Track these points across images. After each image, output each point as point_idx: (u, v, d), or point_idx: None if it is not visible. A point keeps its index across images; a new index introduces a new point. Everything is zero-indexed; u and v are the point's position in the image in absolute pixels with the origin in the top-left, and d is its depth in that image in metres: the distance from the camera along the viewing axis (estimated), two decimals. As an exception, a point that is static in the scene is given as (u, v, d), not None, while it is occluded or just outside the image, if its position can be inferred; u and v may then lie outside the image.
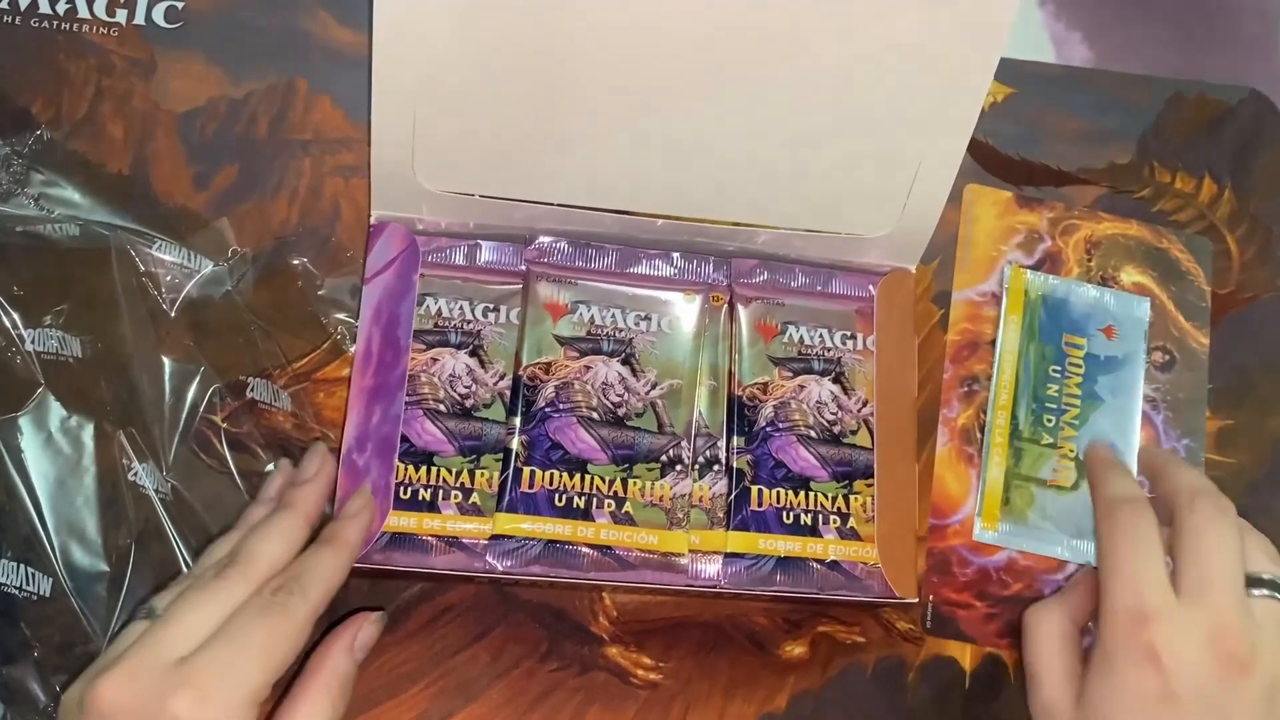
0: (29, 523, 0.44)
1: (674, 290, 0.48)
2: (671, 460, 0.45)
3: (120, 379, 0.46)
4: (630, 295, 0.48)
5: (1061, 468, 0.51)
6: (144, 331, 0.47)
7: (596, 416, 0.45)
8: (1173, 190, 0.56)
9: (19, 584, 0.44)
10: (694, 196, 0.47)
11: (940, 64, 0.44)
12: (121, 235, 0.48)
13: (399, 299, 0.46)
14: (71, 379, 0.46)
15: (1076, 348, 0.52)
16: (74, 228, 0.47)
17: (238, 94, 0.52)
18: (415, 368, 0.45)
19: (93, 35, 0.52)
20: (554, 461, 0.44)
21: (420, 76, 0.43)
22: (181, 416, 0.46)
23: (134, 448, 0.46)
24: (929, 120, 0.45)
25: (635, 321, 0.47)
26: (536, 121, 0.45)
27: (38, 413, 0.45)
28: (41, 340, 0.46)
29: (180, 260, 0.48)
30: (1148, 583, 0.40)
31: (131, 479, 0.45)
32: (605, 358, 0.46)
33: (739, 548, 0.45)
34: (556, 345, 0.46)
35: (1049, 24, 0.60)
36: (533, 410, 0.45)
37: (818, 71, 0.44)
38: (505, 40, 0.42)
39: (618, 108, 0.44)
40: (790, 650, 0.48)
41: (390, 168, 0.45)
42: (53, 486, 0.45)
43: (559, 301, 0.47)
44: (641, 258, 0.48)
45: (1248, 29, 0.62)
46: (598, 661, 0.47)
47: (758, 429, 0.46)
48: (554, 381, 0.46)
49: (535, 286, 0.47)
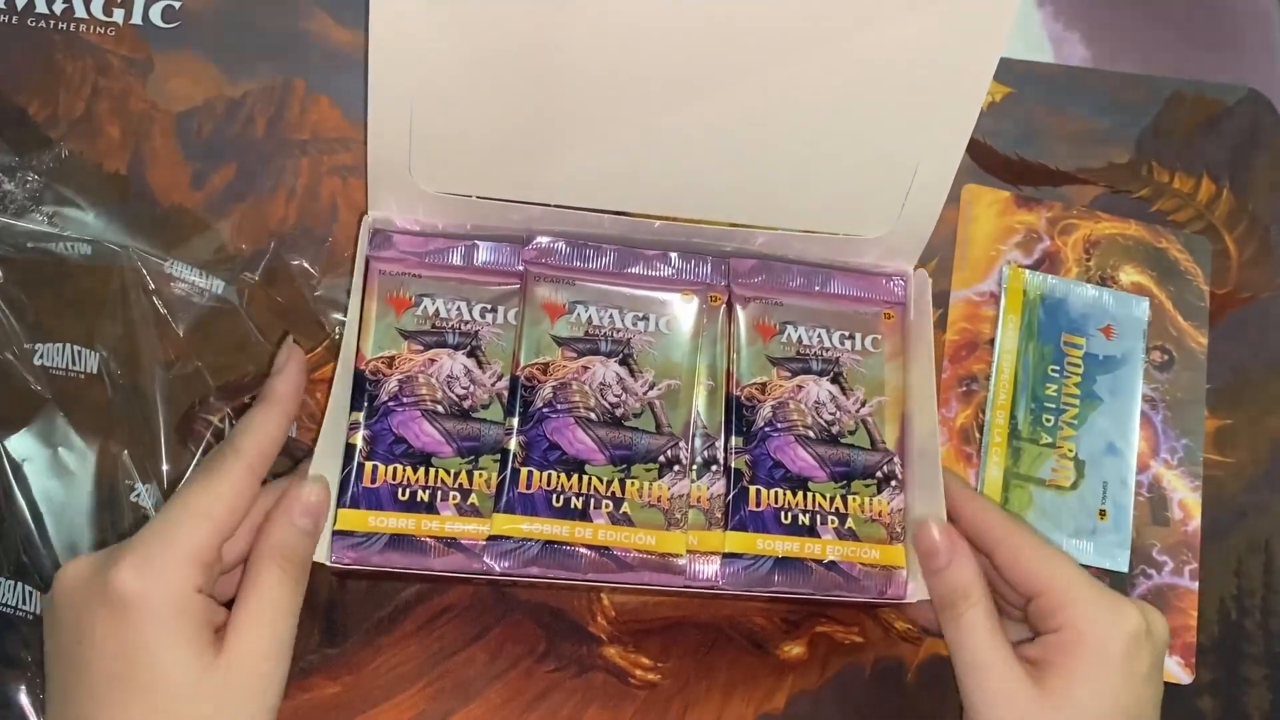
0: (27, 539, 0.44)
1: (672, 290, 0.48)
2: (669, 460, 0.45)
3: (127, 398, 0.46)
4: (628, 295, 0.47)
5: (1060, 467, 0.51)
6: (153, 351, 0.47)
7: (594, 417, 0.45)
8: (1171, 190, 0.56)
9: (15, 603, 0.44)
10: (691, 197, 0.47)
11: (939, 64, 0.43)
12: (133, 253, 0.48)
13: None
14: (79, 396, 0.46)
15: (1075, 347, 0.52)
16: (85, 246, 0.48)
17: (235, 94, 0.51)
18: (413, 369, 0.45)
19: (90, 35, 0.52)
20: (551, 462, 0.44)
21: (416, 77, 0.43)
22: (187, 438, 0.46)
23: (137, 468, 0.46)
24: (928, 121, 0.45)
25: (633, 322, 0.47)
26: (533, 122, 0.45)
27: (43, 428, 0.45)
28: (50, 356, 0.46)
29: (192, 279, 0.48)
30: (1124, 610, 0.41)
31: (134, 500, 0.45)
32: (603, 358, 0.46)
33: (737, 548, 0.45)
34: (554, 345, 0.46)
35: (1047, 24, 0.60)
36: (530, 411, 0.45)
37: (816, 72, 0.44)
38: (502, 41, 0.42)
39: (614, 108, 0.44)
40: (789, 650, 0.48)
41: (386, 168, 0.45)
42: (53, 503, 0.45)
43: (557, 301, 0.47)
44: (639, 258, 0.48)
45: (1246, 29, 0.62)
46: (596, 662, 0.47)
47: (756, 429, 0.46)
48: (551, 382, 0.45)
49: (533, 287, 0.47)
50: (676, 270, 0.48)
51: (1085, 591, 0.41)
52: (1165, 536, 0.51)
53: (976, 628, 0.41)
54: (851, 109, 0.45)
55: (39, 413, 0.46)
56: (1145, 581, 0.51)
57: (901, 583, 0.45)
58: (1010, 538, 0.42)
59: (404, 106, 0.43)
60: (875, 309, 0.49)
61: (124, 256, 0.47)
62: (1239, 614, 0.52)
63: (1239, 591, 0.52)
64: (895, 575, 0.45)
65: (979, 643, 0.41)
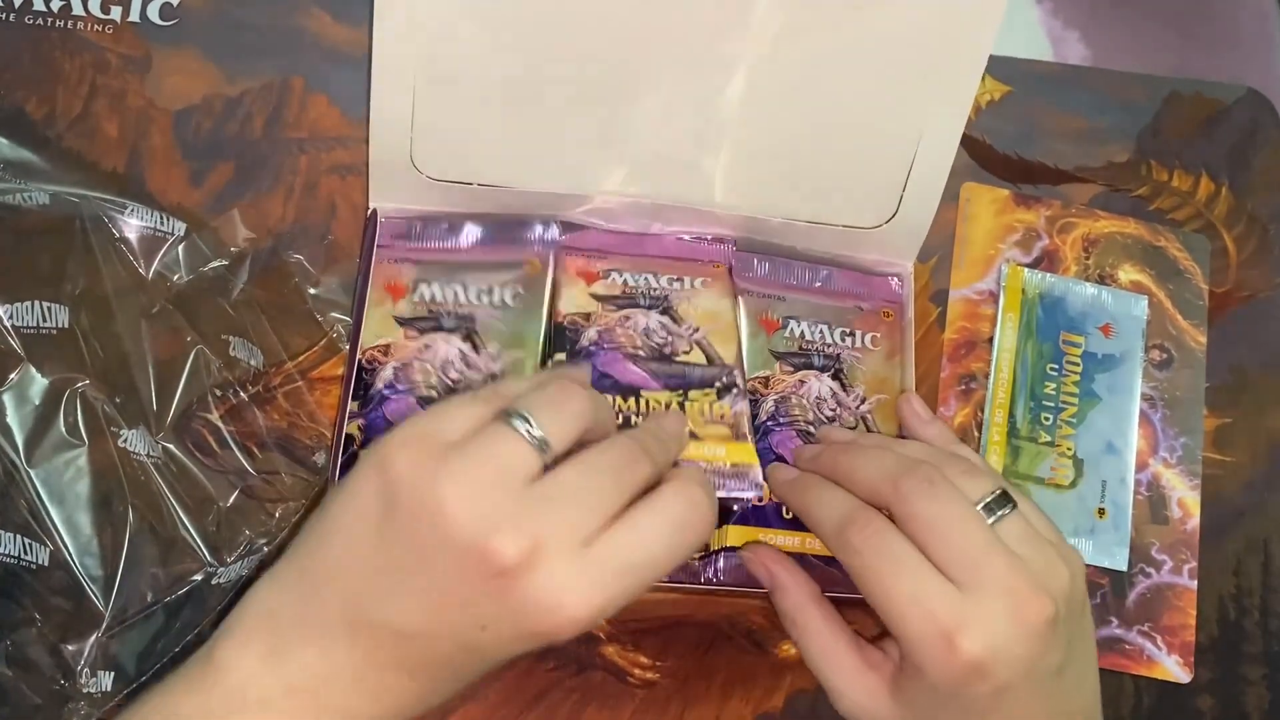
0: (22, 494, 0.44)
1: (699, 262, 0.48)
2: (726, 385, 0.45)
3: (105, 347, 0.46)
4: (661, 261, 0.47)
5: (1059, 466, 0.51)
6: (124, 297, 0.46)
7: (643, 354, 0.45)
8: (1170, 188, 0.56)
9: (17, 554, 0.44)
10: (690, 185, 0.47)
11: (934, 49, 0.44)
12: (93, 203, 0.47)
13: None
14: (54, 350, 0.45)
15: (1074, 346, 0.52)
16: (44, 196, 0.47)
17: (233, 92, 0.51)
18: (407, 355, 0.45)
19: (87, 32, 0.51)
20: (605, 389, 0.43)
21: (419, 65, 0.43)
22: (168, 378, 0.46)
23: (123, 414, 0.45)
24: (924, 108, 0.45)
25: (669, 282, 0.47)
26: (535, 109, 0.45)
27: (19, 388, 0.45)
28: (19, 315, 0.45)
29: (153, 224, 0.48)
30: (931, 596, 0.36)
31: (122, 445, 0.45)
32: (644, 310, 0.46)
33: (738, 542, 0.45)
34: (594, 301, 0.46)
35: (1046, 22, 0.60)
36: (576, 349, 0.45)
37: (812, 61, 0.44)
38: (504, 28, 0.42)
39: (614, 94, 0.44)
40: (788, 649, 0.48)
41: (388, 156, 0.45)
42: (42, 458, 0.44)
43: (592, 270, 0.46)
44: (660, 236, 0.48)
45: (1245, 28, 0.62)
46: (595, 660, 0.47)
47: (759, 423, 0.46)
48: (595, 327, 0.45)
49: (565, 259, 0.47)
50: (693, 248, 0.49)
51: (914, 624, 0.37)
52: (1164, 535, 0.51)
53: (814, 638, 0.41)
54: (847, 96, 0.45)
55: (14, 371, 0.45)
56: (1144, 580, 0.51)
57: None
58: (864, 569, 0.38)
59: (406, 94, 0.43)
60: (875, 307, 0.49)
61: (84, 205, 0.47)
62: (1238, 613, 0.52)
63: (1238, 591, 0.52)
64: None
65: (815, 653, 0.41)
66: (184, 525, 0.45)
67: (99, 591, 0.44)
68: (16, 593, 0.43)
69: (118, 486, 0.45)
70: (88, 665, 0.43)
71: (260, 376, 0.48)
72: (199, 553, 0.45)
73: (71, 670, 0.43)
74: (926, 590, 0.37)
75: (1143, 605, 0.50)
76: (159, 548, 0.44)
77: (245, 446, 0.47)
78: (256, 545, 0.46)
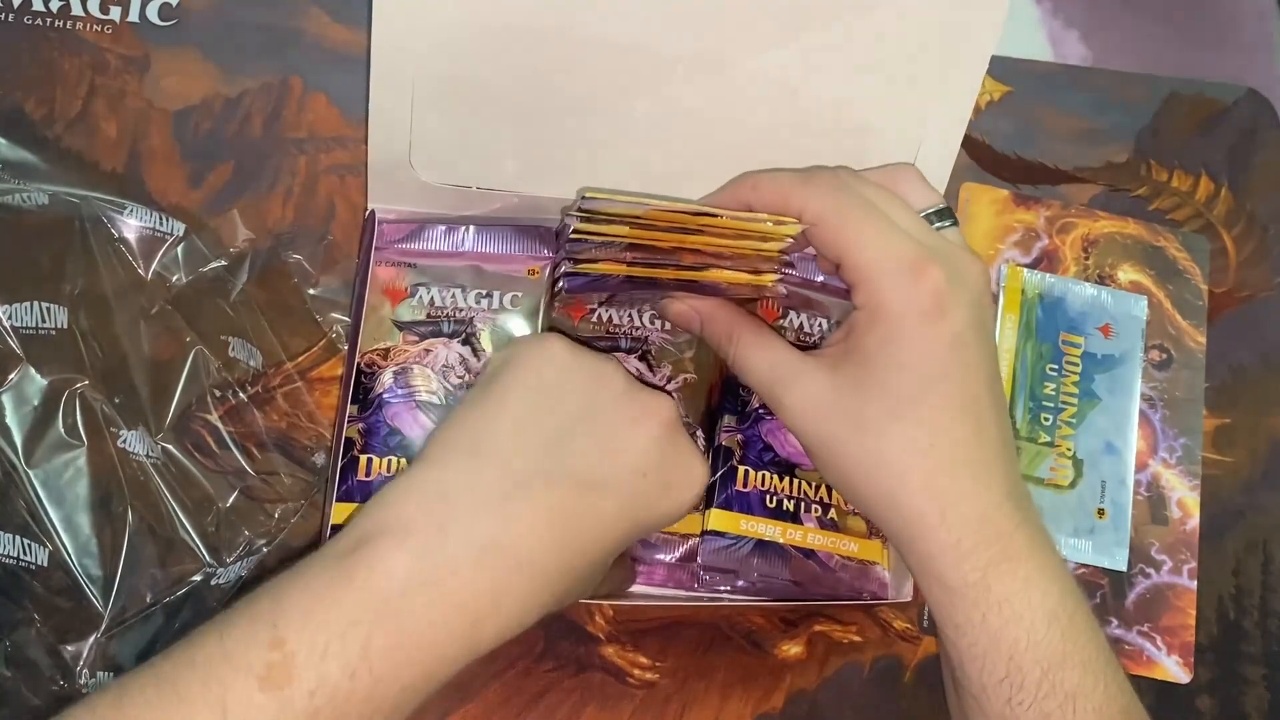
0: (21, 495, 0.44)
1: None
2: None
3: (104, 347, 0.46)
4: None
5: (1059, 466, 0.51)
6: (123, 297, 0.46)
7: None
8: (1170, 189, 0.56)
9: (16, 555, 0.44)
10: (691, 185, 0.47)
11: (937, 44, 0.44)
12: (92, 203, 0.47)
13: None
14: (53, 351, 0.45)
15: (1074, 346, 0.52)
16: (43, 196, 0.47)
17: (232, 92, 0.51)
18: (407, 359, 0.45)
19: (86, 33, 0.51)
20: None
21: (417, 67, 0.43)
22: (167, 379, 0.46)
23: (122, 415, 0.45)
24: (925, 109, 0.45)
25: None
26: (533, 111, 0.45)
27: (19, 388, 0.45)
28: (18, 315, 0.45)
29: (152, 225, 0.48)
30: (900, 239, 0.37)
31: (121, 445, 0.45)
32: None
33: (720, 526, 0.45)
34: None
35: (1046, 22, 0.60)
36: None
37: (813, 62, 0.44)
38: (503, 32, 0.42)
39: (614, 97, 0.44)
40: (787, 649, 0.48)
41: (387, 159, 0.45)
42: (42, 458, 0.44)
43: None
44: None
45: (1245, 28, 0.62)
46: (594, 661, 0.47)
47: (750, 409, 0.46)
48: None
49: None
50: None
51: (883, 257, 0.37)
52: (1164, 535, 0.51)
53: (751, 348, 0.41)
54: (848, 97, 0.45)
55: (13, 372, 0.45)
56: (1144, 580, 0.51)
57: (880, 580, 0.45)
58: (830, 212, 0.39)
59: (405, 97, 0.43)
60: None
61: (84, 206, 0.47)
62: (1237, 613, 0.51)
63: (1237, 591, 0.52)
64: (872, 570, 0.45)
65: (757, 362, 0.41)
66: (183, 526, 0.45)
67: (98, 592, 0.44)
68: (16, 593, 0.44)
69: (117, 487, 0.45)
70: (87, 666, 0.43)
71: (259, 377, 0.48)
72: (198, 553, 0.45)
73: (71, 671, 0.43)
74: (902, 221, 0.38)
75: (1142, 605, 0.50)
76: (158, 548, 0.44)
77: (244, 447, 0.47)
78: (255, 546, 0.46)
